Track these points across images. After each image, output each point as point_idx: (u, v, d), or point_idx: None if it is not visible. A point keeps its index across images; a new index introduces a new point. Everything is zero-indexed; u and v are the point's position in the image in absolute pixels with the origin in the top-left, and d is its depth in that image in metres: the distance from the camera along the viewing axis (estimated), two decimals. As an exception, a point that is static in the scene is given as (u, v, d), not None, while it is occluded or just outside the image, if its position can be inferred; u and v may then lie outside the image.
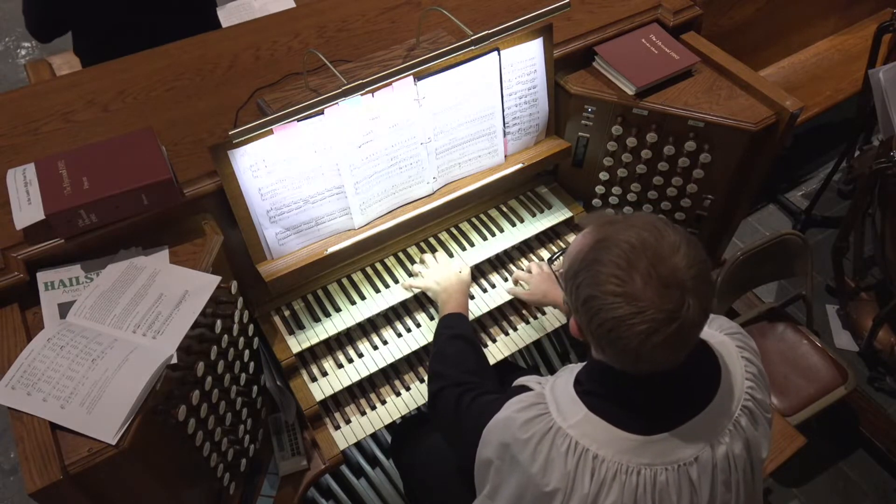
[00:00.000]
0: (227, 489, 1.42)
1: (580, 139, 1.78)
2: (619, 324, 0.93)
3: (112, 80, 1.62)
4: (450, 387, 1.31)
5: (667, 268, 0.92)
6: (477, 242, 1.77)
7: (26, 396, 1.07)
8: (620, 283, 0.93)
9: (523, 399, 1.09)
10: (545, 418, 1.05)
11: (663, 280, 0.92)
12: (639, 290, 0.92)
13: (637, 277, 0.92)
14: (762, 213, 3.11)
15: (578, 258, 0.99)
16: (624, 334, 0.93)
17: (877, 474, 2.35)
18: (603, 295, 0.94)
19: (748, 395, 1.08)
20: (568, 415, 1.04)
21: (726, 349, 1.12)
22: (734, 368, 1.10)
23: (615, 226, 0.99)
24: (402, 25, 1.79)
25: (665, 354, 0.96)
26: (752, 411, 1.09)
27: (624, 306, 0.92)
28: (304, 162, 1.45)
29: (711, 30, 2.33)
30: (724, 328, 1.17)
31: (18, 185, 1.29)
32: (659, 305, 0.91)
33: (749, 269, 2.07)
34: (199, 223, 1.37)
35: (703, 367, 1.08)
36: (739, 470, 1.06)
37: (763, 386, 1.13)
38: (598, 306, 0.94)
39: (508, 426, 1.07)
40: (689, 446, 1.02)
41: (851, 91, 2.72)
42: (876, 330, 2.46)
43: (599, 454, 1.01)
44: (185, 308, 1.20)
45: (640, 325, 0.92)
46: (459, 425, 1.24)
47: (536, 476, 1.02)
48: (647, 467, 1.01)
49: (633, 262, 0.93)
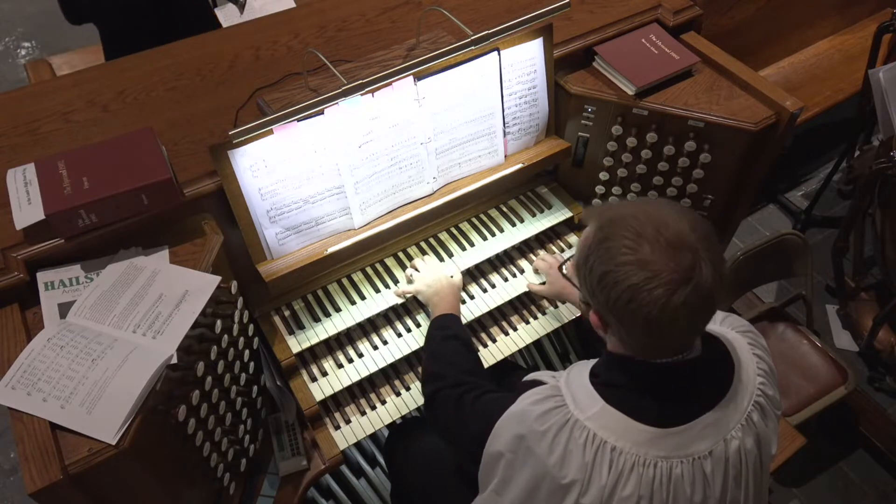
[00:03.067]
0: (227, 489, 1.42)
1: (580, 139, 1.78)
2: (636, 292, 0.94)
3: (112, 80, 1.62)
4: (448, 387, 1.31)
5: (672, 232, 0.95)
6: (477, 242, 1.77)
7: (26, 396, 1.07)
8: (631, 252, 0.95)
9: (538, 391, 1.10)
10: (562, 410, 1.05)
11: (671, 243, 0.94)
12: (649, 255, 0.94)
13: (645, 244, 0.95)
14: (762, 213, 3.11)
15: (587, 245, 1.02)
16: (644, 300, 0.94)
17: (877, 474, 2.36)
18: (616, 267, 0.96)
19: (760, 391, 1.10)
20: (585, 407, 1.05)
21: (739, 345, 1.13)
22: (746, 364, 1.11)
23: (615, 208, 1.02)
24: (402, 25, 1.79)
25: (685, 324, 0.97)
26: (763, 407, 1.10)
27: (638, 272, 0.94)
28: (304, 162, 1.45)
29: (711, 30, 2.32)
30: (736, 326, 1.18)
31: (18, 185, 1.29)
32: (672, 267, 0.93)
33: (749, 269, 2.07)
34: (199, 223, 1.37)
35: (717, 361, 1.09)
36: (750, 465, 1.07)
37: (773, 383, 1.14)
38: (614, 279, 0.96)
39: (524, 419, 1.07)
40: (704, 440, 1.03)
41: (851, 91, 2.72)
42: (876, 330, 2.46)
43: (617, 446, 1.02)
44: (185, 308, 1.20)
45: (656, 288, 0.93)
46: (462, 425, 1.24)
47: (554, 468, 1.02)
48: (663, 460, 1.02)
49: (639, 232, 0.96)
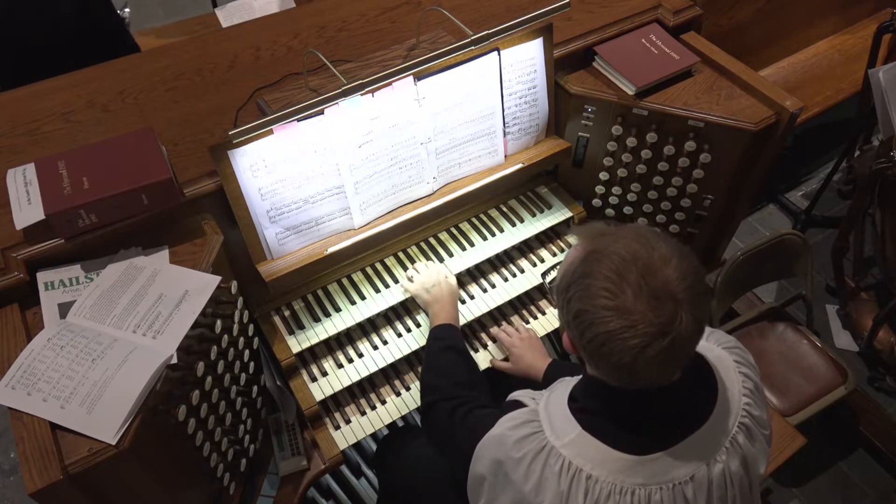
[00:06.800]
0: (227, 489, 1.42)
1: (580, 139, 1.78)
2: (610, 338, 0.91)
3: (112, 80, 1.62)
4: (443, 400, 1.31)
5: (658, 280, 0.90)
6: (477, 242, 1.77)
7: (26, 396, 1.07)
8: (611, 297, 0.91)
9: (516, 416, 1.08)
10: (538, 437, 1.04)
11: (654, 292, 0.89)
12: (630, 304, 0.90)
13: (628, 290, 0.90)
14: (762, 213, 3.11)
15: (570, 271, 0.98)
16: (616, 349, 0.91)
17: (877, 474, 2.36)
18: (594, 309, 0.92)
19: (745, 412, 1.06)
20: (561, 433, 1.03)
21: (723, 364, 1.09)
22: (731, 384, 1.08)
23: (605, 238, 0.97)
24: (402, 25, 1.79)
25: (659, 369, 0.94)
26: (750, 428, 1.07)
27: (615, 320, 0.90)
28: (304, 162, 1.45)
29: (711, 30, 2.33)
30: (722, 342, 1.15)
31: (18, 185, 1.29)
32: (651, 319, 0.89)
33: (749, 269, 2.07)
34: (199, 223, 1.37)
35: (700, 384, 1.06)
36: (736, 486, 1.05)
37: (761, 402, 1.11)
38: (590, 320, 0.92)
39: (502, 444, 1.06)
40: (685, 465, 1.01)
41: (851, 91, 2.72)
42: (876, 330, 2.46)
43: (593, 474, 1.00)
44: (185, 308, 1.20)
45: (632, 339, 0.89)
46: (453, 438, 1.24)
47: (529, 495, 1.01)
48: (641, 487, 1.00)
49: (623, 275, 0.91)
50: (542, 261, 1.81)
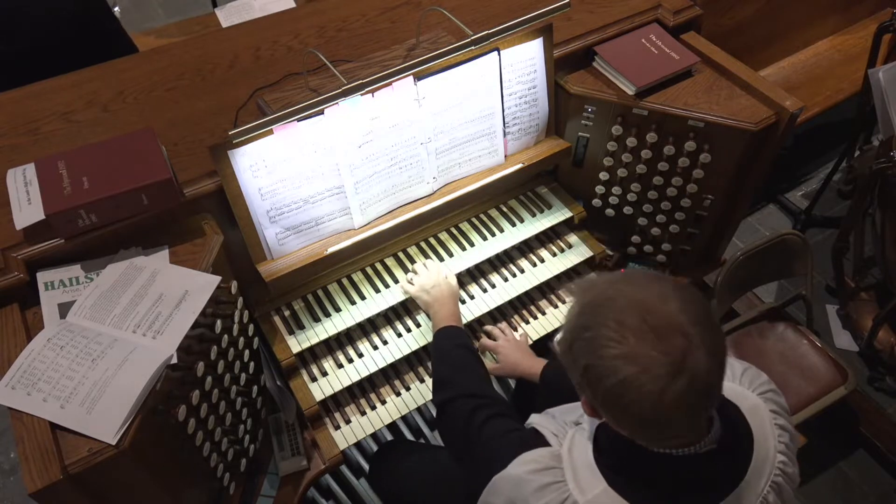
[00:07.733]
0: (227, 489, 1.42)
1: (580, 139, 1.78)
2: (625, 388, 0.86)
3: (112, 80, 1.62)
4: (462, 397, 1.26)
5: (659, 317, 0.86)
6: (477, 242, 1.77)
7: (26, 396, 1.07)
8: (615, 344, 0.87)
9: (538, 459, 1.03)
10: (561, 487, 0.99)
11: (657, 330, 0.86)
12: (635, 347, 0.86)
13: (629, 335, 0.86)
14: (762, 213, 3.11)
15: (570, 328, 0.94)
16: (634, 398, 0.86)
17: (877, 474, 2.35)
18: (601, 360, 0.88)
19: (779, 471, 1.02)
20: (585, 487, 0.98)
21: (758, 416, 1.05)
22: (766, 440, 1.03)
23: (597, 288, 0.94)
24: (402, 25, 1.79)
25: (688, 416, 0.89)
26: (781, 486, 1.02)
27: (625, 367, 0.86)
28: (304, 162, 1.45)
29: (711, 30, 2.32)
30: (755, 385, 1.10)
31: (18, 185, 1.29)
32: (660, 359, 0.84)
33: (749, 269, 2.07)
34: (199, 223, 1.37)
35: (734, 444, 1.00)
36: None
37: (794, 457, 1.06)
38: (600, 373, 0.88)
39: (520, 487, 1.01)
40: None
41: (851, 91, 2.72)
42: (876, 330, 2.46)
43: None
44: (185, 308, 1.20)
45: (647, 384, 0.85)
46: (470, 444, 1.19)
47: None
48: None
49: (622, 321, 0.87)
50: (542, 261, 1.81)
